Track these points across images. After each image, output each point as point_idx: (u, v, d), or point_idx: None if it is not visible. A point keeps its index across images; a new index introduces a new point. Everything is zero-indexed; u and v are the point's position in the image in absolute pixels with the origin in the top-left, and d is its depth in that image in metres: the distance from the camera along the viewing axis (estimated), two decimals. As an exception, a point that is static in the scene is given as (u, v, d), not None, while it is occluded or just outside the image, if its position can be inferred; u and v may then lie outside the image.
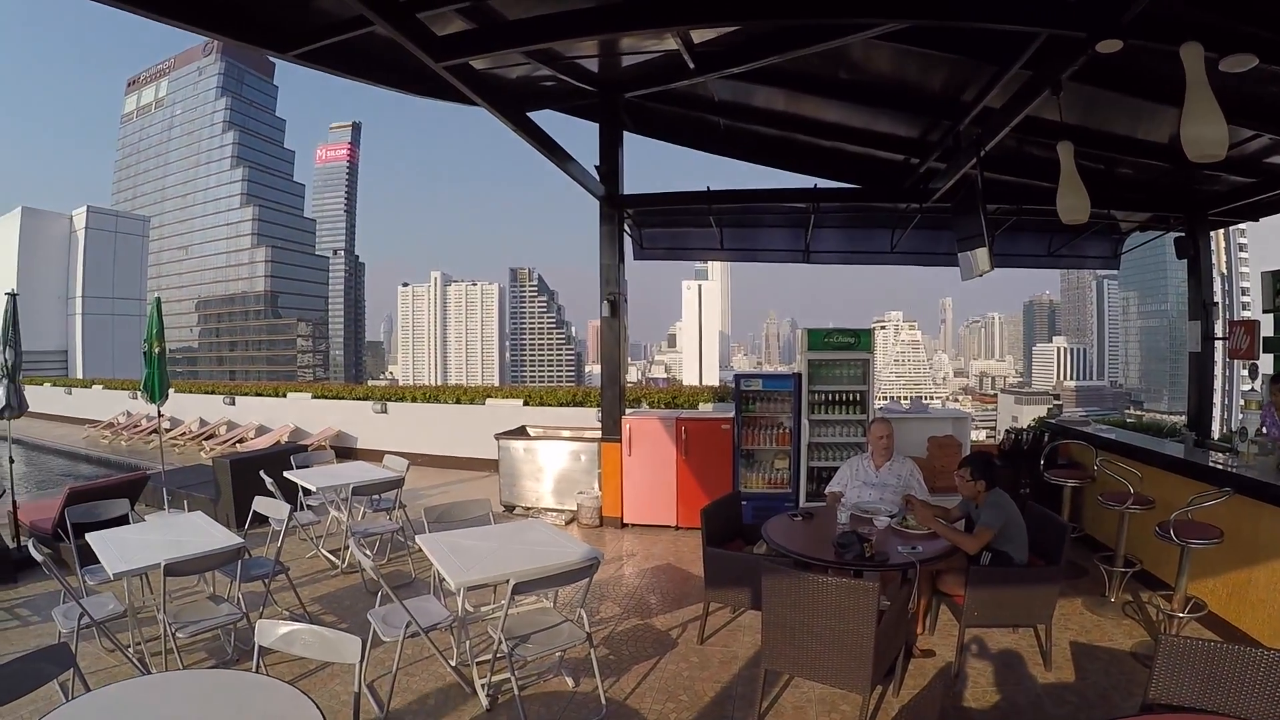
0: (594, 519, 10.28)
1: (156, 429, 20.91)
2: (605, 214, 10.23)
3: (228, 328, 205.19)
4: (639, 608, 7.33)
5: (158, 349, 10.22)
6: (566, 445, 11.02)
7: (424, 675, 5.85)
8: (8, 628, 7.33)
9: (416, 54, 6.21)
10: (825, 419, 9.54)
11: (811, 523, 6.41)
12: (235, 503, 10.12)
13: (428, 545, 5.65)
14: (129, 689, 3.71)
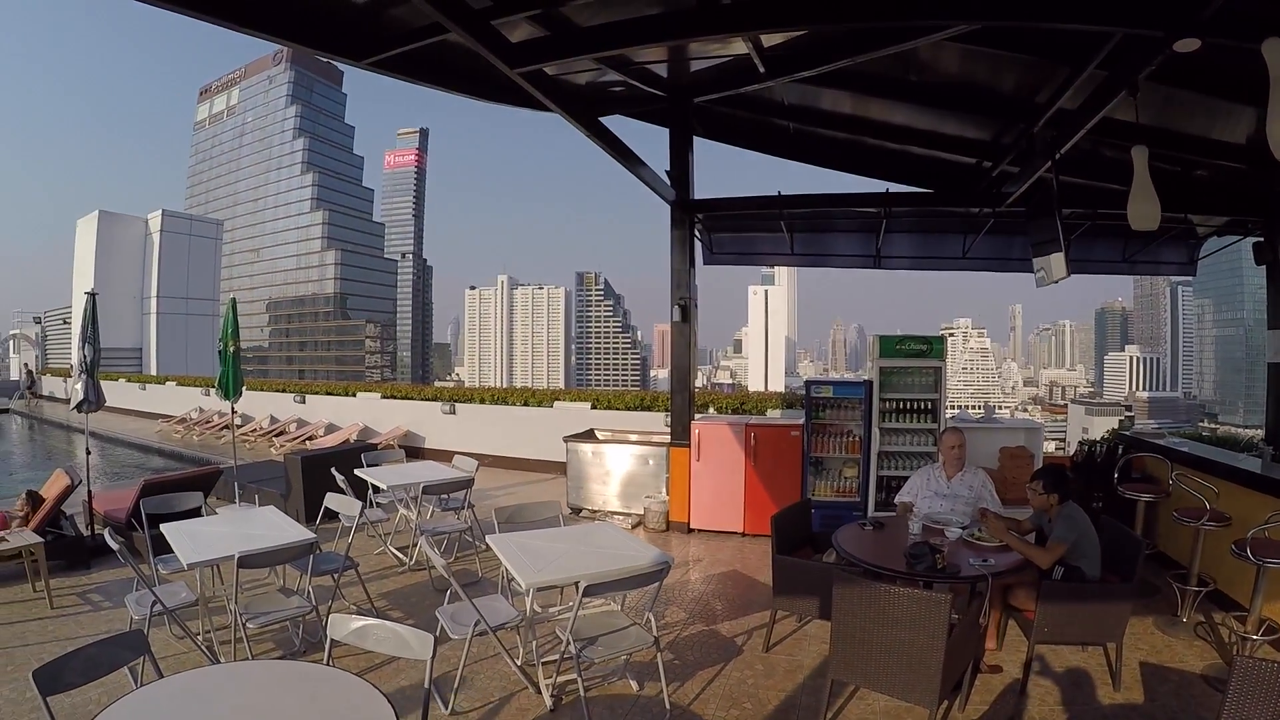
0: (660, 523, 10.24)
1: (228, 425, 21.45)
2: (676, 219, 10.22)
3: (297, 328, 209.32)
4: (704, 614, 7.29)
5: (233, 348, 10.41)
6: (634, 449, 11.01)
7: (488, 673, 5.87)
8: (81, 612, 7.55)
9: (492, 61, 6.24)
10: (896, 427, 9.38)
11: (882, 533, 6.31)
12: (305, 498, 10.29)
13: (498, 545, 5.67)
14: (203, 676, 3.78)
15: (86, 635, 6.85)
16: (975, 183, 9.60)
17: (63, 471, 9.37)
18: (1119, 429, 11.60)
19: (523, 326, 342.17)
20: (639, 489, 10.77)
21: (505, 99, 8.62)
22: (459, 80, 8.12)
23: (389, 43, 6.71)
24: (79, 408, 9.81)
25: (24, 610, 7.58)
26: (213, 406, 24.28)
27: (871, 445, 9.27)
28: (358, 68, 6.98)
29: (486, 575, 8.33)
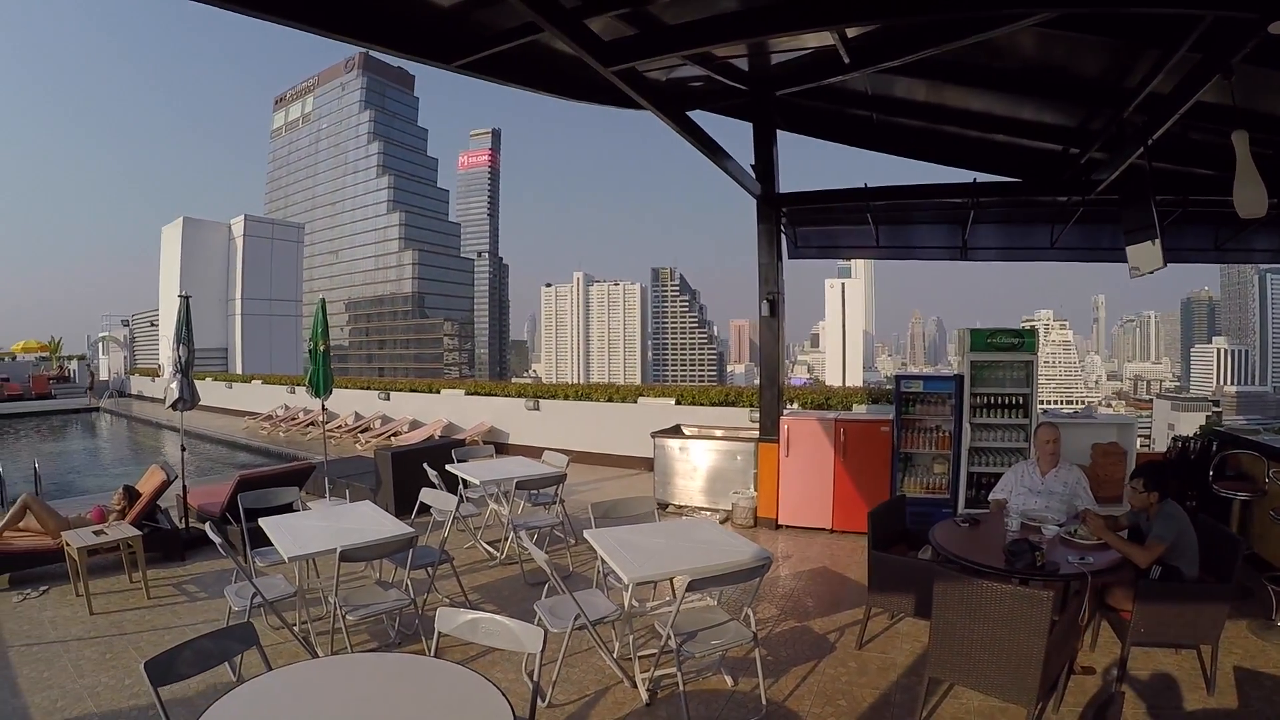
0: (748, 519, 10.16)
1: (314, 421, 21.89)
2: (762, 213, 10.14)
3: (376, 327, 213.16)
4: (796, 610, 7.22)
5: (322, 347, 10.57)
6: (722, 444, 10.95)
7: (584, 667, 5.90)
8: (177, 602, 7.78)
9: (586, 60, 6.26)
10: (986, 423, 9.20)
11: (978, 529, 6.19)
12: (395, 493, 10.45)
13: (597, 540, 5.67)
14: (315, 668, 3.86)
15: (183, 625, 7.11)
16: (1063, 170, 9.30)
17: (158, 467, 9.61)
18: (1208, 425, 11.28)
19: (599, 323, 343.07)
20: (726, 484, 10.71)
21: (592, 98, 8.65)
22: (546, 80, 8.15)
23: (477, 45, 6.75)
24: (174, 406, 10.07)
25: (121, 600, 7.83)
26: (298, 404, 24.79)
27: (962, 441, 9.11)
28: (447, 70, 7.03)
29: (578, 570, 8.38)
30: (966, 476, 9.13)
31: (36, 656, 6.50)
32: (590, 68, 7.67)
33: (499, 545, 8.99)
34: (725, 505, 10.57)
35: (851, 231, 11.27)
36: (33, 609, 7.65)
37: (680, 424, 12.22)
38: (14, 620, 7.38)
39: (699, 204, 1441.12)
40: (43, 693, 5.81)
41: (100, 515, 9.06)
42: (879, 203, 10.15)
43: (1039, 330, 9.73)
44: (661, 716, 5.22)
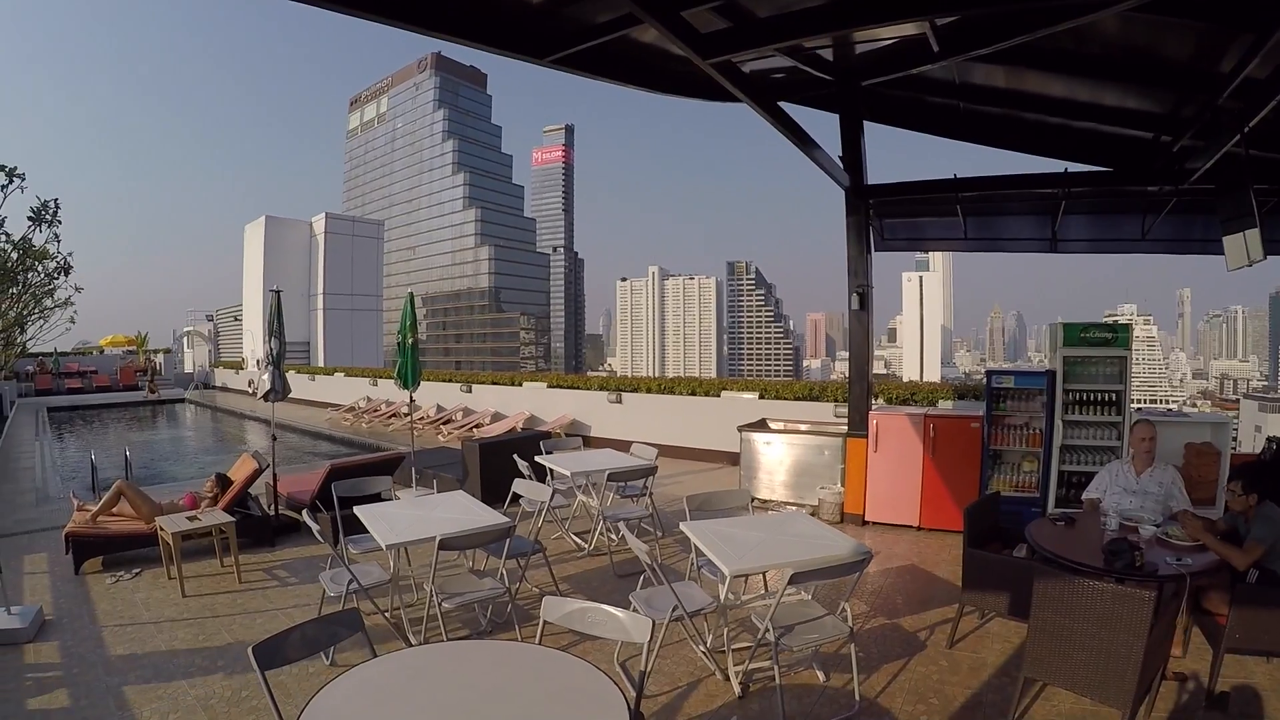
0: (835, 515, 10.05)
1: (395, 413, 22.21)
2: (851, 204, 10.01)
3: (454, 321, 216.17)
4: (886, 607, 7.13)
5: (411, 340, 10.67)
6: (809, 439, 10.85)
7: (675, 658, 5.90)
8: (268, 587, 7.99)
9: (684, 52, 6.26)
10: (1078, 420, 8.97)
11: (1074, 528, 6.07)
12: (482, 484, 10.53)
13: (695, 533, 5.65)
14: (423, 655, 3.89)
15: (274, 609, 7.31)
16: (1154, 159, 9.00)
17: (250, 456, 9.88)
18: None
19: (674, 317, 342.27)
20: (813, 479, 10.60)
21: (682, 91, 8.67)
22: (637, 75, 8.20)
23: (569, 40, 6.84)
24: (266, 397, 10.29)
25: (213, 584, 8.07)
26: (380, 396, 25.20)
27: (1054, 438, 8.89)
28: (541, 65, 7.12)
29: (667, 562, 8.37)
30: (1057, 475, 8.91)
31: (130, 636, 6.71)
32: (678, 61, 7.69)
33: (586, 536, 9.05)
34: (811, 500, 10.47)
35: (939, 223, 11.10)
36: (126, 590, 7.92)
37: (765, 418, 12.08)
38: (108, 601, 7.64)
39: (775, 197, 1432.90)
40: (137, 671, 6.00)
41: (193, 502, 9.35)
42: (968, 194, 9.96)
43: (1122, 326, 9.45)
44: (754, 710, 5.18)
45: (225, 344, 67.54)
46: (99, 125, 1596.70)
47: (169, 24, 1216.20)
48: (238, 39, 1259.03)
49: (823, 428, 11.43)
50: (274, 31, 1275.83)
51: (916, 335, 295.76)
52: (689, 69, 8.26)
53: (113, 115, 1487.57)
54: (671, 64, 8.18)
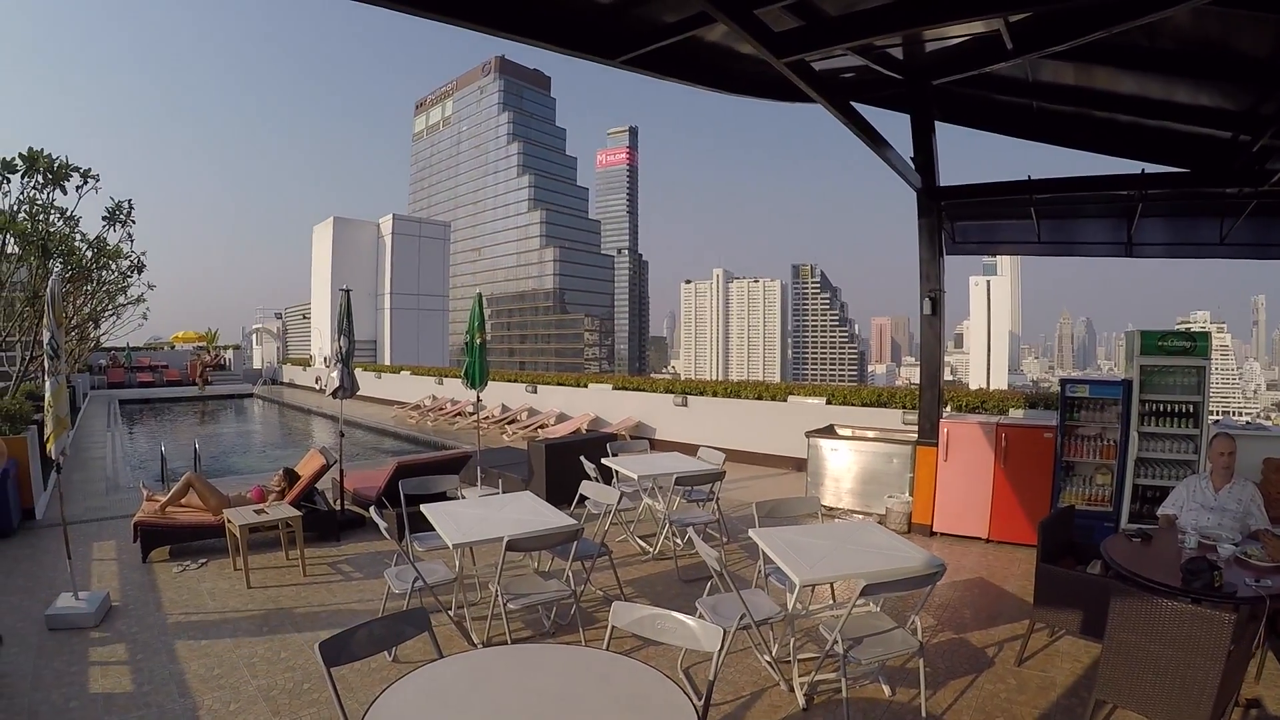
0: (902, 525, 9.87)
1: (461, 412, 22.33)
2: (923, 206, 9.81)
3: (518, 322, 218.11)
4: (953, 621, 6.98)
5: (479, 340, 10.70)
6: (877, 446, 10.70)
7: (738, 667, 5.82)
8: (333, 581, 8.08)
9: (758, 51, 6.19)
10: (1154, 432, 8.71)
11: (1151, 545, 5.87)
12: (547, 484, 10.52)
13: (765, 540, 5.58)
14: (489, 656, 3.90)
15: (337, 603, 7.38)
16: (1232, 159, 8.62)
17: (317, 451, 10.00)
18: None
19: (738, 320, 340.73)
20: (880, 488, 10.46)
21: (750, 91, 8.61)
22: (706, 75, 8.17)
23: (638, 41, 6.84)
24: (335, 394, 10.38)
25: (278, 576, 8.19)
26: (445, 394, 25.40)
27: (1129, 450, 8.65)
28: (610, 66, 7.15)
29: (732, 568, 8.27)
30: (1131, 488, 8.68)
31: (195, 625, 6.85)
32: (745, 61, 7.61)
33: (651, 540, 9.01)
34: (878, 509, 10.32)
35: (1012, 226, 10.83)
36: (192, 580, 8.08)
37: (834, 424, 11.96)
38: (173, 590, 7.80)
39: (841, 199, 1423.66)
40: (199, 660, 6.09)
41: (260, 495, 9.54)
42: (1042, 196, 9.69)
43: (1200, 335, 9.12)
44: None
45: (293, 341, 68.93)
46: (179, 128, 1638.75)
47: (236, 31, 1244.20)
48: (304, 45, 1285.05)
49: (891, 435, 11.25)
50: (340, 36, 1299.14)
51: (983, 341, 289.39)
52: (757, 69, 8.22)
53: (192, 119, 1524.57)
54: (739, 64, 8.12)
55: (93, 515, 10.98)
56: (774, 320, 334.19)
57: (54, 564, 8.55)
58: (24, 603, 7.46)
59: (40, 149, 14.24)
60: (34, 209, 14.62)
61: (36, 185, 14.34)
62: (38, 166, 14.07)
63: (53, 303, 6.94)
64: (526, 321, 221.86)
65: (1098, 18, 5.97)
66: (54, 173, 14.29)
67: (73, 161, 14.75)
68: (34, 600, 7.48)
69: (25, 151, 14.06)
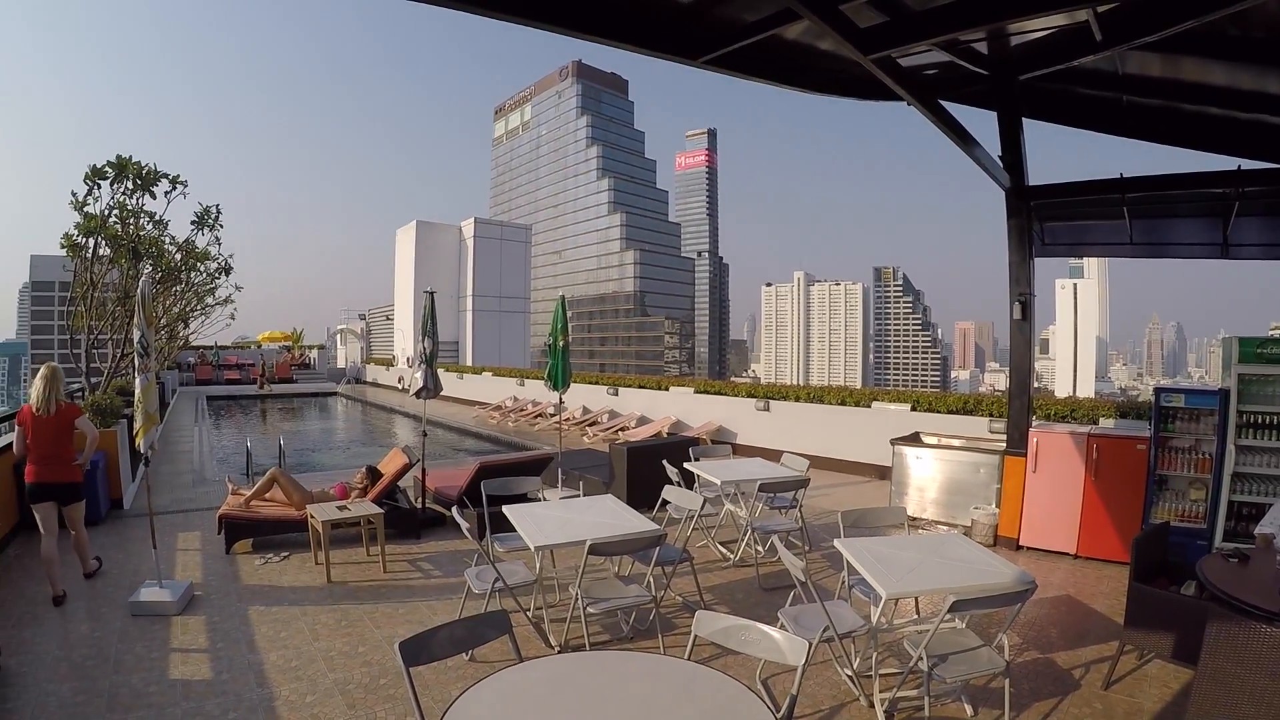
0: (988, 537, 9.58)
1: (542, 413, 22.47)
2: (1012, 207, 9.52)
3: (598, 324, 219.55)
4: (1039, 640, 6.73)
5: (562, 342, 10.74)
6: (964, 455, 10.44)
7: (818, 680, 5.71)
8: (412, 578, 8.17)
9: (844, 49, 6.12)
10: (1253, 445, 8.25)
11: (1248, 566, 5.59)
12: (628, 488, 10.48)
13: (850, 550, 5.47)
14: (569, 662, 3.81)
15: (416, 600, 7.45)
16: None
17: (400, 450, 10.14)
18: None
19: (819, 323, 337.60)
20: (965, 498, 10.21)
21: (834, 90, 8.50)
22: (788, 74, 8.08)
23: (720, 41, 6.82)
24: (418, 394, 10.48)
25: (358, 571, 8.32)
26: (526, 395, 25.60)
27: (1225, 464, 8.24)
28: (692, 67, 7.15)
29: (814, 578, 8.14)
30: (1227, 505, 8.27)
31: (274, 617, 6.98)
32: (827, 59, 7.49)
33: (732, 546, 8.93)
34: (963, 520, 10.07)
35: (1102, 227, 10.43)
36: (273, 573, 8.26)
37: (918, 431, 11.72)
38: (256, 580, 8.02)
39: (923, 200, 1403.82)
40: (278, 651, 6.22)
41: (343, 491, 9.75)
42: (1134, 194, 9.30)
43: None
44: (899, 740, 4.98)
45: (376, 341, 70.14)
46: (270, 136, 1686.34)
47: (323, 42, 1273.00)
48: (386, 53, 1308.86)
49: (978, 444, 10.97)
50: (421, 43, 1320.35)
51: (1070, 346, 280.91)
52: (838, 66, 8.12)
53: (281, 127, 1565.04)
54: (820, 61, 8.01)
55: (179, 507, 11.34)
56: (856, 324, 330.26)
57: (140, 553, 8.88)
58: (110, 589, 7.74)
59: (129, 156, 14.81)
60: (124, 214, 15.16)
61: (126, 191, 14.84)
62: (127, 173, 14.58)
63: (143, 303, 7.20)
64: (607, 324, 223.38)
65: (1190, 5, 5.72)
66: (143, 179, 14.86)
67: (164, 168, 15.35)
68: (119, 587, 7.75)
69: (115, 159, 14.61)
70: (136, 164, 14.78)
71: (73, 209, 14.26)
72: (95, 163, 14.45)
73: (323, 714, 5.20)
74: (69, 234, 14.52)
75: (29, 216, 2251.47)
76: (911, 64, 8.46)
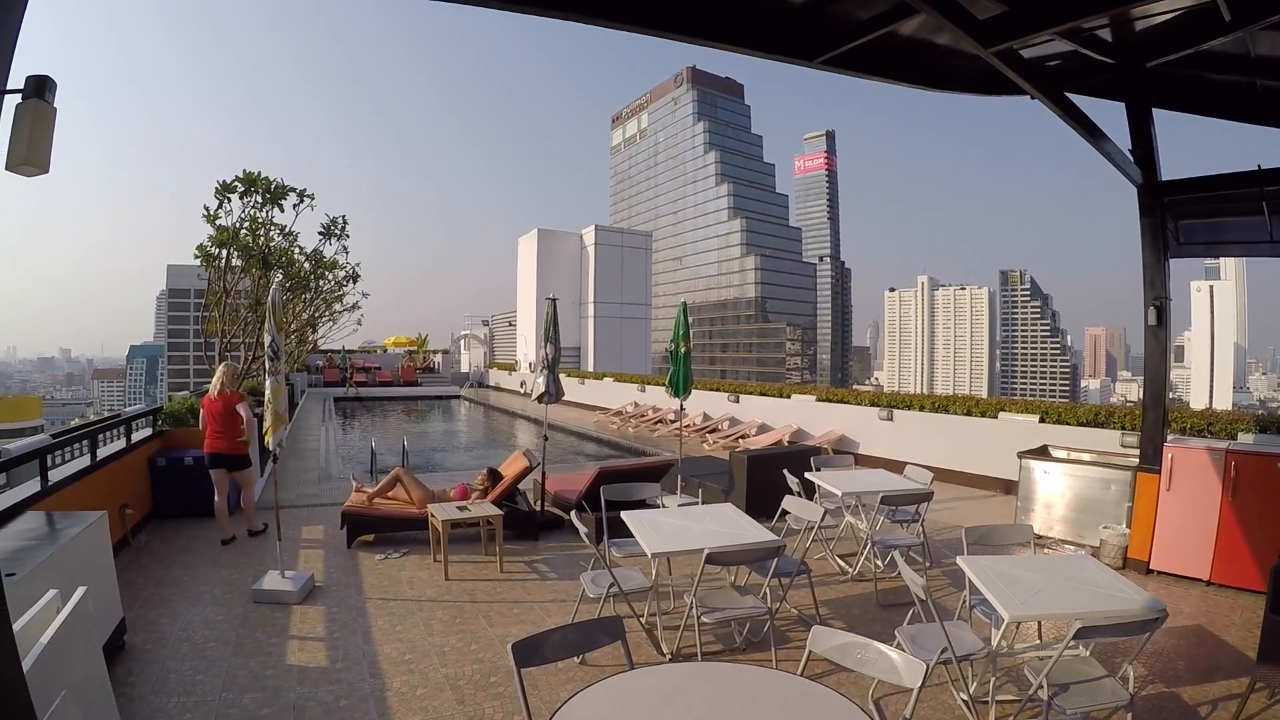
0: (1117, 559, 9.06)
1: (663, 419, 22.52)
2: (1145, 204, 8.97)
3: (719, 330, 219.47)
4: (1165, 673, 6.29)
5: (684, 349, 10.75)
6: (1095, 471, 9.92)
7: (932, 703, 5.51)
8: (528, 580, 8.28)
9: (963, 42, 5.99)
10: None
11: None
12: (748, 496, 10.36)
13: (973, 569, 5.24)
14: (679, 673, 3.83)
15: (530, 600, 7.55)
16: None
17: (521, 453, 10.25)
18: None
19: (944, 329, 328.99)
20: (1095, 516, 9.74)
21: (953, 86, 8.39)
22: (905, 71, 8.02)
23: (835, 41, 6.80)
24: (540, 399, 10.65)
25: (475, 571, 8.48)
26: (647, 401, 25.68)
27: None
28: (809, 68, 7.16)
29: (933, 596, 7.93)
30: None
31: (391, 611, 7.18)
32: (943, 55, 7.31)
33: (851, 560, 8.77)
34: (1091, 540, 9.60)
35: (1239, 224, 9.59)
36: (392, 568, 8.49)
37: (1047, 444, 11.21)
38: (375, 575, 8.24)
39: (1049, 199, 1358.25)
40: (392, 644, 6.39)
41: (463, 492, 9.96)
42: (1272, 188, 8.62)
43: None
44: (1012, 770, 4.80)
45: (499, 346, 71.31)
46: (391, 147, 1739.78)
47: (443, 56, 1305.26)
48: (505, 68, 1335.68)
49: (1109, 458, 10.40)
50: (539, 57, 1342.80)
51: (1206, 354, 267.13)
52: (956, 62, 8.01)
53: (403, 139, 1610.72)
54: (937, 57, 7.87)
55: (304, 501, 11.81)
56: (981, 330, 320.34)
57: (265, 544, 9.23)
58: (234, 576, 8.12)
59: (257, 171, 15.75)
60: (254, 225, 16.08)
61: (256, 204, 15.66)
62: (256, 188, 15.38)
63: (273, 309, 7.59)
64: (728, 330, 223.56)
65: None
66: (271, 193, 15.69)
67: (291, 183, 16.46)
68: (244, 575, 8.14)
69: (242, 173, 15.56)
70: (265, 179, 15.70)
71: (205, 221, 15.00)
72: (224, 178, 15.23)
73: (431, 707, 5.31)
74: (203, 245, 15.34)
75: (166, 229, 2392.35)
76: (1034, 55, 8.13)
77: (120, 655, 6.03)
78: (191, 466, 10.38)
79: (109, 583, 6.05)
